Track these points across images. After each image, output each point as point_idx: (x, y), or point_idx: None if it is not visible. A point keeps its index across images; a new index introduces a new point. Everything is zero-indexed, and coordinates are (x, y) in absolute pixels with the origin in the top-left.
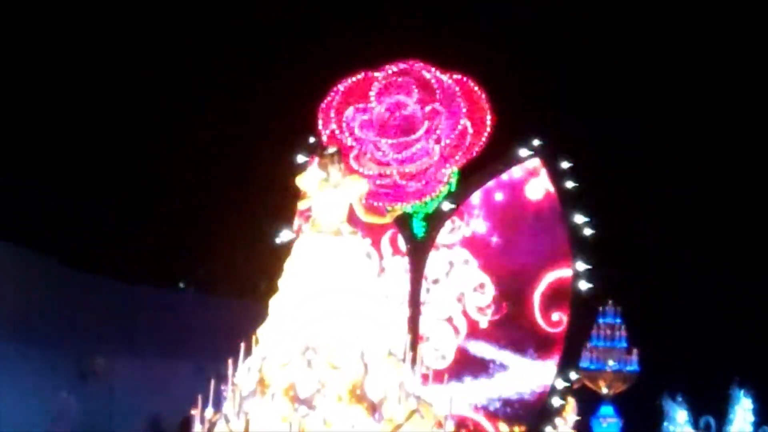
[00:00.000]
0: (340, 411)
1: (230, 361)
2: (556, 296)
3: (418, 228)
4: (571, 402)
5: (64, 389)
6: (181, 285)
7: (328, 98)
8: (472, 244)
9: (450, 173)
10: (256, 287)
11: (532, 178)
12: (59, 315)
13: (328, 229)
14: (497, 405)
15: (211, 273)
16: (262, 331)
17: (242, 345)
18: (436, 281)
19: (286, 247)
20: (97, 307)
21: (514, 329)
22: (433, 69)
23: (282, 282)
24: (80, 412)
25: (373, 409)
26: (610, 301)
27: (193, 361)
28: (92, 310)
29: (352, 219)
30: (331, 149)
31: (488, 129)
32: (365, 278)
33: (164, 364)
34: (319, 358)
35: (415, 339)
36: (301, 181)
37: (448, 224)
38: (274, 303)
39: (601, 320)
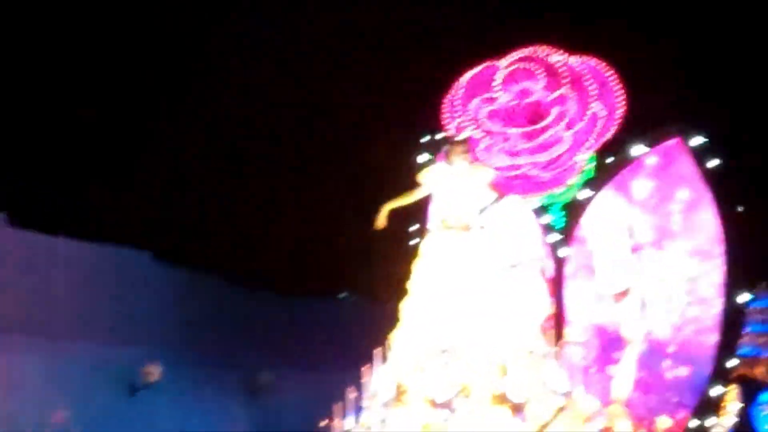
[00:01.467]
0: (481, 413)
1: (366, 369)
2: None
3: (557, 219)
4: (734, 389)
5: (236, 403)
6: (342, 295)
7: (452, 91)
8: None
9: (584, 160)
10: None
11: (674, 161)
12: (226, 333)
13: (457, 225)
14: (653, 396)
15: (369, 280)
16: (396, 337)
17: (378, 351)
18: (576, 274)
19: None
20: (262, 323)
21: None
22: (558, 52)
23: (413, 284)
24: (253, 425)
25: (517, 409)
26: (764, 284)
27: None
28: (258, 326)
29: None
30: (461, 136)
31: (621, 111)
32: (498, 275)
33: (330, 375)
34: (457, 361)
35: (559, 334)
36: (424, 176)
37: (587, 214)
38: (406, 306)
39: (754, 305)
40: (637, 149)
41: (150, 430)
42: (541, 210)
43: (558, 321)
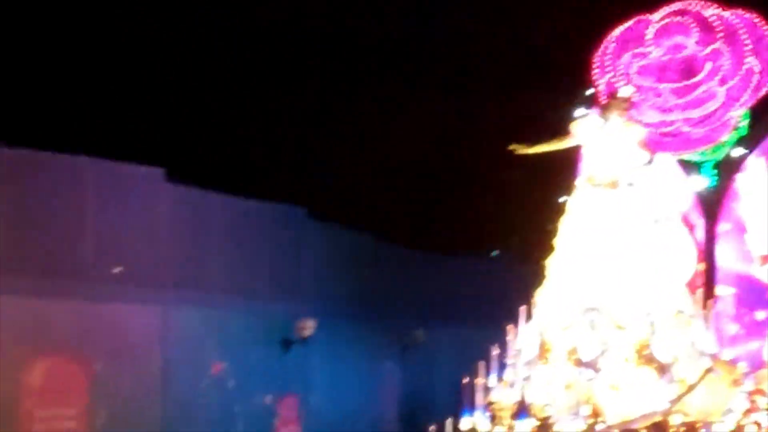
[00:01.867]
0: (627, 373)
1: (510, 327)
2: None
3: (709, 177)
4: None
5: (388, 359)
6: (494, 253)
7: (603, 46)
8: None
9: (738, 116)
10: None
11: None
12: (380, 290)
13: (604, 182)
14: None
15: (522, 240)
16: (541, 294)
17: (523, 310)
18: (728, 233)
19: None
20: (414, 280)
21: None
22: (712, 6)
23: (559, 242)
24: (403, 381)
25: (663, 370)
26: None
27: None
28: (410, 283)
29: None
30: (625, 93)
31: None
32: (646, 232)
33: (481, 332)
34: (603, 319)
35: (709, 294)
36: (575, 127)
37: (740, 172)
38: (552, 264)
39: None
40: None
41: (303, 384)
42: (694, 167)
43: (707, 280)
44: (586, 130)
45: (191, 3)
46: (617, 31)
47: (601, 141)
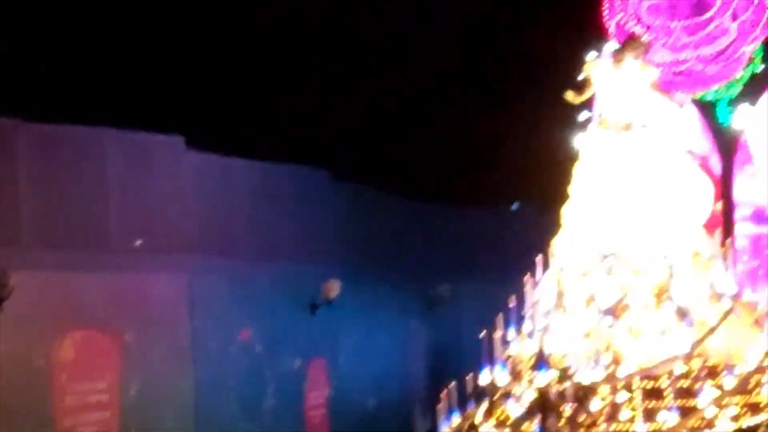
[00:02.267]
0: (647, 319)
1: (527, 278)
2: None
3: (724, 116)
4: None
5: (414, 317)
6: (515, 206)
7: None
8: None
9: (752, 51)
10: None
11: None
12: (403, 248)
13: (617, 125)
14: None
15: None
16: (557, 242)
17: (539, 259)
18: (744, 171)
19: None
20: (438, 237)
21: None
22: None
23: (573, 187)
24: (430, 337)
25: (683, 313)
26: None
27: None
28: (434, 239)
29: None
30: (644, 37)
31: None
32: (661, 175)
33: (507, 286)
34: (620, 264)
35: (728, 234)
36: (589, 68)
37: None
38: (567, 211)
39: None
40: None
41: (331, 345)
42: (708, 106)
43: (726, 220)
44: (599, 74)
45: None
46: None
47: (615, 84)
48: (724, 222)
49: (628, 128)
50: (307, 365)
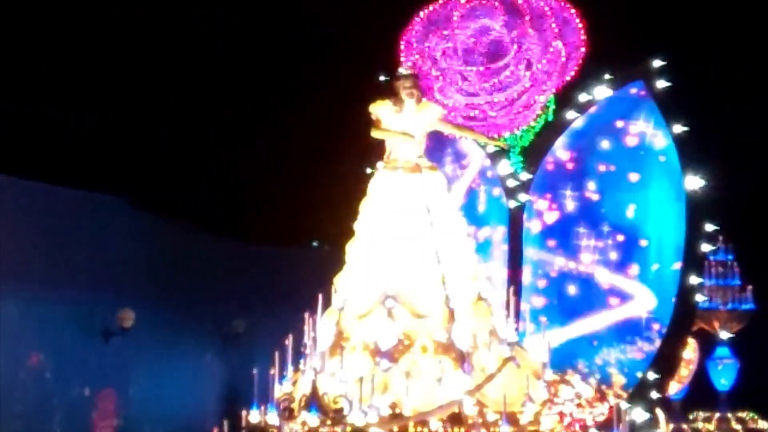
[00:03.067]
0: (425, 363)
1: (308, 315)
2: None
3: (515, 163)
4: (692, 343)
5: (210, 350)
6: (315, 243)
7: (409, 27)
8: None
9: (544, 101)
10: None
11: (636, 108)
12: (200, 280)
13: (405, 165)
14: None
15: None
16: (340, 280)
17: (320, 297)
18: (531, 220)
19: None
20: (234, 271)
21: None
22: None
23: (358, 225)
24: (224, 372)
25: (462, 359)
26: (720, 238)
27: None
28: (231, 273)
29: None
30: (404, 71)
31: (583, 51)
32: (447, 217)
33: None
34: (401, 307)
35: (516, 279)
36: (375, 108)
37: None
38: (351, 249)
39: (712, 258)
40: (600, 91)
41: (123, 375)
42: (499, 153)
43: (512, 267)
44: (383, 111)
45: None
46: (423, 13)
47: (397, 124)
48: (511, 269)
49: (416, 170)
50: (97, 394)
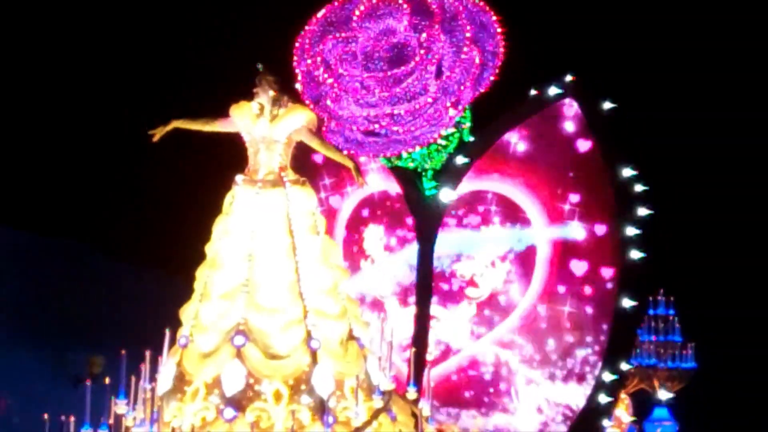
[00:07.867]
0: (277, 413)
1: (148, 353)
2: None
3: (428, 189)
4: (626, 400)
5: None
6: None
7: (304, 29)
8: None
9: (456, 116)
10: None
11: (565, 124)
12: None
13: (265, 178)
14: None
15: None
16: (186, 312)
17: (166, 332)
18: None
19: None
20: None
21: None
22: None
23: (209, 248)
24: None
25: (323, 409)
26: (661, 290)
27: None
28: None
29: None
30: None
31: (501, 59)
32: (312, 241)
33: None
34: (252, 345)
35: (424, 320)
36: (234, 110)
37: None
38: (199, 274)
39: (652, 312)
40: (521, 109)
41: None
42: (410, 173)
43: (422, 303)
44: (243, 118)
45: None
46: (320, 13)
47: (260, 132)
48: (421, 303)
49: (277, 184)
50: None
